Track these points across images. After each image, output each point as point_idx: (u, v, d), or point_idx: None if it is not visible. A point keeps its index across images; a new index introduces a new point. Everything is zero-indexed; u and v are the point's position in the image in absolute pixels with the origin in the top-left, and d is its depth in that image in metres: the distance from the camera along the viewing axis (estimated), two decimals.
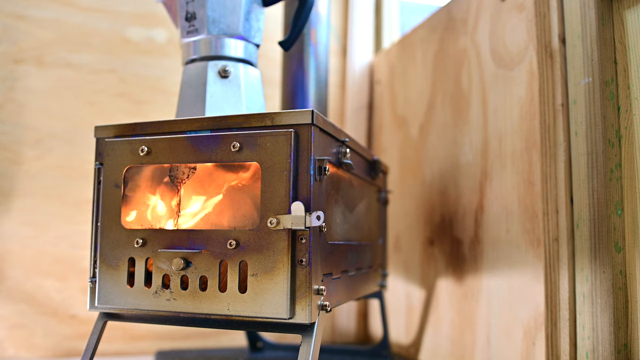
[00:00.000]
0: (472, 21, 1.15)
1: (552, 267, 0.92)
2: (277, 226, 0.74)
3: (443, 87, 1.24)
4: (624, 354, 0.84)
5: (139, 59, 1.44)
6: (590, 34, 0.89)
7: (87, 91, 1.40)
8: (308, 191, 0.75)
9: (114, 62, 1.42)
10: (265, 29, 1.32)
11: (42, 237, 1.33)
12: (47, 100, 1.36)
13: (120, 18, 1.44)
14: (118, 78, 1.42)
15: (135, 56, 1.44)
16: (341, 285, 0.89)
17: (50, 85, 1.37)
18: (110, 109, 1.41)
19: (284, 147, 0.76)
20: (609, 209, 0.86)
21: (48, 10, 1.38)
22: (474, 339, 1.09)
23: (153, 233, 0.82)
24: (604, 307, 0.85)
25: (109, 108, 1.41)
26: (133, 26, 1.44)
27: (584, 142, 0.89)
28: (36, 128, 1.35)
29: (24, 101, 1.34)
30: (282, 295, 0.74)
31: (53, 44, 1.38)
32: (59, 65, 1.38)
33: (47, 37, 1.38)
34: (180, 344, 1.40)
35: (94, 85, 1.40)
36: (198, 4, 0.94)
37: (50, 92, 1.37)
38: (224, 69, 0.93)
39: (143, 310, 0.81)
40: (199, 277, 0.78)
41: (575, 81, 0.92)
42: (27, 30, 1.36)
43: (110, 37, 1.43)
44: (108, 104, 1.41)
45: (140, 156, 0.83)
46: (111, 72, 1.42)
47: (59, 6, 1.39)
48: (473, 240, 1.11)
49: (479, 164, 1.10)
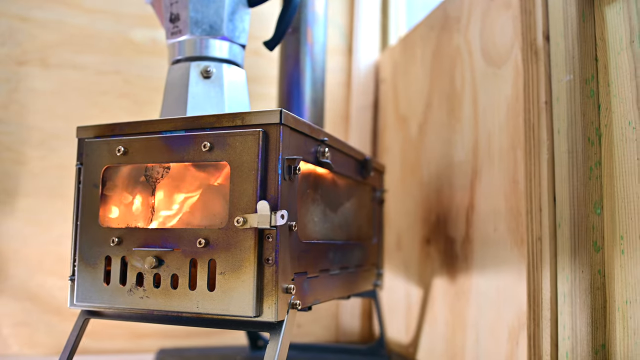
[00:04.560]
0: (465, 19, 1.14)
1: (535, 266, 0.91)
2: (244, 225, 0.75)
3: (439, 85, 1.23)
4: (602, 354, 0.82)
5: (142, 60, 1.46)
6: (571, 30, 0.88)
7: (91, 92, 1.42)
8: (276, 190, 0.76)
9: (118, 64, 1.45)
10: (266, 27, 1.33)
11: (45, 236, 1.36)
12: (51, 101, 1.39)
13: (124, 19, 1.46)
14: (122, 79, 1.45)
15: (139, 57, 1.46)
16: (319, 284, 0.89)
17: (54, 86, 1.39)
18: (114, 110, 1.43)
19: (252, 146, 0.76)
20: (587, 208, 0.85)
21: (52, 12, 1.41)
22: (464, 338, 1.08)
23: (128, 232, 0.83)
24: (583, 307, 0.84)
25: (112, 109, 1.43)
26: (137, 27, 1.46)
27: (565, 140, 0.88)
28: (40, 129, 1.38)
29: (27, 102, 1.37)
30: (249, 293, 0.74)
31: (57, 46, 1.40)
32: (62, 67, 1.40)
33: (51, 39, 1.40)
34: (183, 342, 1.42)
35: (97, 86, 1.42)
36: (181, 5, 0.95)
37: (54, 93, 1.39)
38: (206, 69, 0.94)
39: (119, 307, 0.82)
40: (171, 275, 0.79)
41: (558, 79, 0.91)
42: (31, 32, 1.39)
43: (114, 39, 1.45)
44: (112, 104, 1.43)
45: (118, 156, 0.85)
46: (115, 73, 1.44)
47: (63, 8, 1.42)
48: (464, 239, 1.10)
49: (470, 162, 1.09)
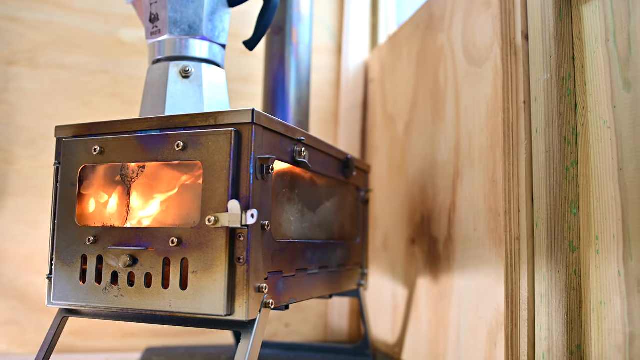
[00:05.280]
0: (449, 19, 1.14)
1: (514, 266, 0.91)
2: (215, 224, 0.75)
3: (424, 85, 1.23)
4: (577, 354, 0.82)
5: (132, 60, 1.46)
6: (548, 29, 0.88)
7: (80, 92, 1.42)
8: (248, 190, 0.76)
9: (107, 63, 1.45)
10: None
11: (34, 235, 1.36)
12: (40, 101, 1.39)
13: (114, 20, 1.46)
14: (111, 79, 1.45)
15: (129, 57, 1.47)
16: (296, 284, 0.89)
17: (43, 86, 1.40)
18: (103, 110, 1.43)
19: (224, 146, 0.77)
20: (564, 208, 0.85)
21: (41, 13, 1.41)
22: (446, 338, 1.08)
23: (104, 231, 0.83)
24: (559, 307, 0.84)
25: (101, 108, 1.43)
26: (126, 27, 1.47)
27: (543, 140, 0.88)
28: (29, 128, 1.38)
29: (17, 102, 1.38)
30: (220, 292, 0.75)
31: (46, 46, 1.41)
32: (52, 67, 1.41)
33: (40, 39, 1.41)
34: (171, 341, 1.42)
35: (87, 86, 1.43)
36: (160, 5, 0.96)
37: (43, 93, 1.40)
38: (184, 69, 0.94)
39: (94, 306, 0.83)
40: (145, 274, 0.79)
41: (536, 78, 0.90)
42: (21, 32, 1.39)
43: (104, 39, 1.45)
44: (101, 104, 1.44)
45: (94, 155, 0.85)
46: (104, 73, 1.45)
47: (53, 8, 1.42)
48: (447, 239, 1.10)
49: (452, 162, 1.09)
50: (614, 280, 0.77)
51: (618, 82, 0.78)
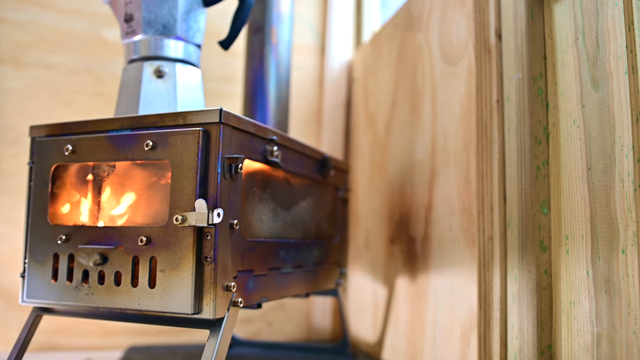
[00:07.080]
0: (426, 18, 1.14)
1: (487, 266, 0.91)
2: (183, 223, 0.75)
3: (403, 84, 1.23)
4: (548, 355, 0.83)
5: (116, 60, 1.47)
6: (520, 28, 0.88)
7: (64, 91, 1.43)
8: (215, 189, 0.76)
9: (91, 63, 1.45)
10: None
11: (18, 234, 1.36)
12: (24, 101, 1.40)
13: (98, 19, 1.46)
14: (95, 78, 1.45)
15: (113, 57, 1.47)
16: (268, 283, 0.90)
17: (27, 85, 1.40)
18: (86, 109, 1.43)
19: (192, 145, 0.77)
20: (535, 208, 0.85)
21: (26, 13, 1.41)
22: (423, 338, 1.08)
23: (76, 229, 0.83)
24: (529, 307, 0.84)
25: (85, 108, 1.43)
26: (110, 27, 1.47)
27: (514, 139, 0.88)
28: (13, 128, 1.39)
29: (1, 101, 1.38)
30: (187, 290, 0.75)
31: (30, 46, 1.41)
32: (36, 66, 1.41)
33: (24, 39, 1.41)
34: (154, 339, 1.42)
35: (71, 86, 1.43)
36: (135, 6, 0.96)
37: (27, 92, 1.40)
38: (158, 69, 0.95)
39: (66, 304, 0.83)
40: (114, 272, 0.80)
41: (509, 77, 0.91)
42: (5, 32, 1.40)
43: (88, 39, 1.45)
44: (85, 104, 1.44)
45: (66, 155, 0.85)
46: (88, 72, 1.45)
47: (37, 8, 1.42)
48: (424, 238, 1.10)
49: (429, 161, 1.09)
50: (583, 280, 0.77)
51: (587, 81, 0.78)
